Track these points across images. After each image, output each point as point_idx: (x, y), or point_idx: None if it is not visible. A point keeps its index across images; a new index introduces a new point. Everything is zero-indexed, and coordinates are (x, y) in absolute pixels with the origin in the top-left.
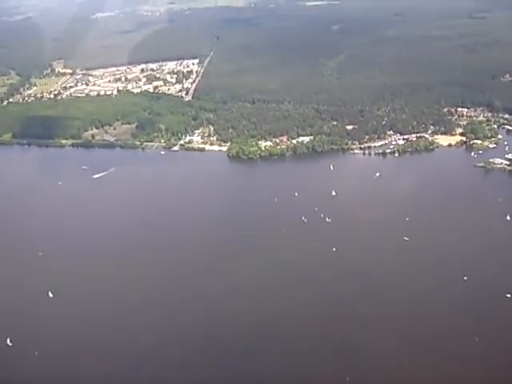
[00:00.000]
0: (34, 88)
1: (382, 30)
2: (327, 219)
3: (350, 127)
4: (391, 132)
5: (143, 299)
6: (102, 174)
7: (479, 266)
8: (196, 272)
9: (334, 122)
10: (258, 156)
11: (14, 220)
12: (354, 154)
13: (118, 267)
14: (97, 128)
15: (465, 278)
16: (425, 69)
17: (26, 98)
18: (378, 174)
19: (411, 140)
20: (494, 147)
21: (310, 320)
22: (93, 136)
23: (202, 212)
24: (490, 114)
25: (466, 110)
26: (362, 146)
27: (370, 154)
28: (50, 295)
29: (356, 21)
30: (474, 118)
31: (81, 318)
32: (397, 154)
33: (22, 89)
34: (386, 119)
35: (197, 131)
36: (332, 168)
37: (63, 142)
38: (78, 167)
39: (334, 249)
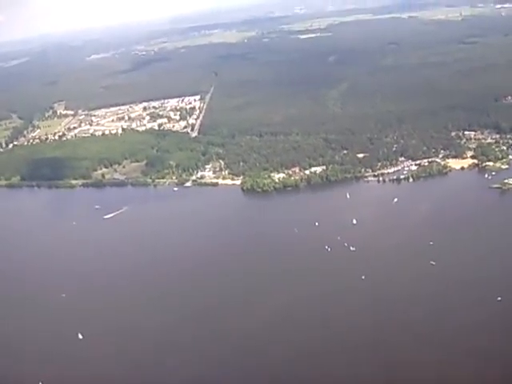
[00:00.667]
0: (38, 130)
1: (379, 59)
2: (351, 248)
3: (361, 155)
4: (403, 158)
5: (168, 336)
6: (115, 213)
7: (510, 286)
8: (224, 306)
9: (345, 151)
10: (272, 188)
11: (33, 262)
12: (368, 181)
13: (138, 305)
14: (106, 167)
15: (498, 298)
16: (426, 95)
17: (31, 141)
18: (395, 200)
19: (424, 165)
20: (506, 168)
21: (350, 349)
22: (103, 175)
23: (222, 246)
24: (497, 136)
25: (473, 133)
26: (376, 174)
27: (384, 180)
28: (80, 337)
29: (351, 51)
30: (483, 141)
31: (112, 358)
32: (411, 180)
33: (25, 131)
34: (395, 146)
35: (207, 166)
36: (348, 196)
37: (73, 182)
38: (91, 207)
39: (363, 277)
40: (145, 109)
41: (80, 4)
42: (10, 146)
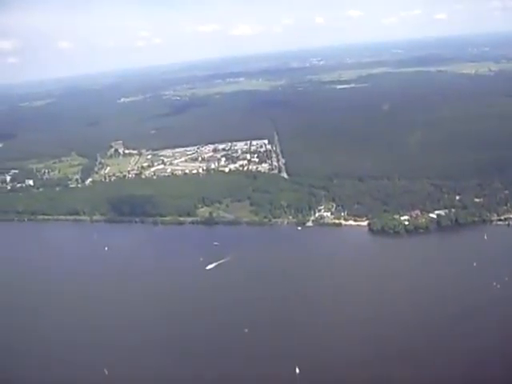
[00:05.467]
0: (108, 168)
1: (434, 110)
2: None
3: (477, 200)
4: None
5: None
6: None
7: None
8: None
9: (458, 196)
10: (403, 230)
11: (196, 298)
12: (496, 225)
13: None
14: (207, 206)
15: None
16: (507, 144)
17: (107, 178)
18: None
19: None
20: None
21: None
22: (210, 213)
23: (378, 294)
24: None
25: None
26: (501, 218)
27: None
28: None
29: (400, 102)
30: None
31: None
32: None
33: (95, 169)
34: (506, 192)
35: (320, 207)
36: (486, 238)
37: (181, 219)
38: (210, 243)
39: None
40: (215, 150)
41: (90, 49)
42: (87, 182)
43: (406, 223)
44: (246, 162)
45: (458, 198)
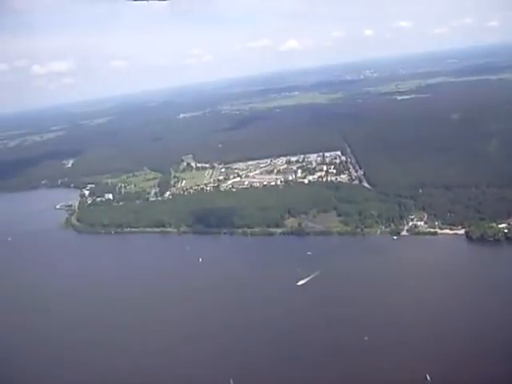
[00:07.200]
0: (184, 181)
1: (507, 118)
2: None
3: None
4: None
5: None
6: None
7: None
8: None
9: None
10: (503, 238)
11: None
12: None
13: None
14: (293, 217)
15: None
16: None
17: (185, 191)
18: None
19: None
20: None
21: None
22: (299, 224)
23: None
24: None
25: None
26: None
27: None
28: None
29: (469, 111)
30: None
31: None
32: None
33: (172, 182)
34: None
35: (411, 216)
36: None
37: (270, 230)
38: (304, 254)
39: None
40: (288, 162)
41: (142, 68)
42: (166, 195)
43: (506, 231)
44: (323, 173)
45: None
